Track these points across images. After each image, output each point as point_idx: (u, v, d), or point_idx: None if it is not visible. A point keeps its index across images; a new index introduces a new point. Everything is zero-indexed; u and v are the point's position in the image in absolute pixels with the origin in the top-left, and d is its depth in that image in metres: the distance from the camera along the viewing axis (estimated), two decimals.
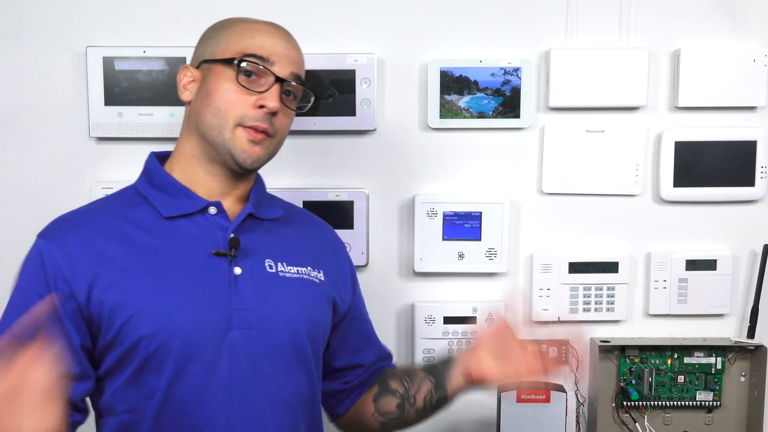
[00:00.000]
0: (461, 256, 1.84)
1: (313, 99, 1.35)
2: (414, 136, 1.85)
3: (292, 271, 1.31)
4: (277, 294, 1.28)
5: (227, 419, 1.22)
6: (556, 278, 1.86)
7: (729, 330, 1.92)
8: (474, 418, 1.89)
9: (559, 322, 1.88)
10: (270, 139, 1.27)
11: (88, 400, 1.27)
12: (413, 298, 1.88)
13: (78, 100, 1.79)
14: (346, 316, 1.43)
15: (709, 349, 1.88)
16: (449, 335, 1.85)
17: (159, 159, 1.34)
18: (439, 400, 1.37)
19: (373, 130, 1.83)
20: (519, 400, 1.69)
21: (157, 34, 1.79)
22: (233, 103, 1.24)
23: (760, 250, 1.88)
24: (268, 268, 1.28)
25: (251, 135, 1.24)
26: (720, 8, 1.84)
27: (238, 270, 1.25)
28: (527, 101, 1.82)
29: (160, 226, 1.25)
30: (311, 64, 1.59)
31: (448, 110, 1.82)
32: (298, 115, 1.36)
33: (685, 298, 1.88)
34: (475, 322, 1.84)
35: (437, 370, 1.38)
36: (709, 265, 1.87)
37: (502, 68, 1.82)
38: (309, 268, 1.33)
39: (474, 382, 1.34)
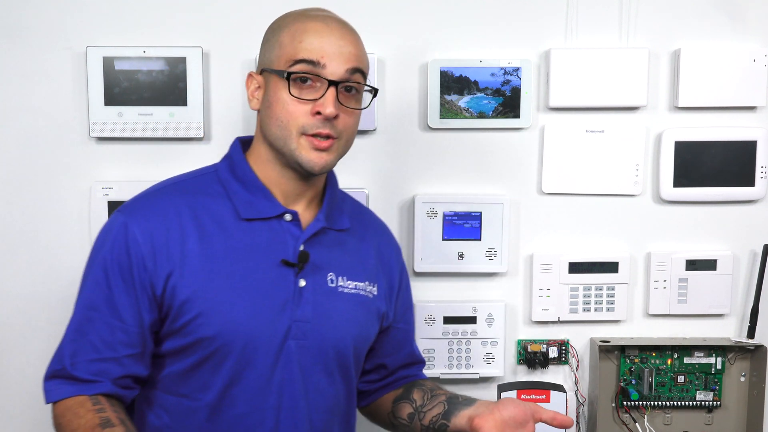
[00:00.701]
0: (461, 256, 1.84)
1: (375, 92, 1.34)
2: (414, 136, 1.85)
3: (350, 286, 1.35)
4: (334, 309, 1.32)
5: (275, 423, 1.27)
6: (556, 278, 1.86)
7: (729, 330, 1.92)
8: None
9: (559, 322, 1.88)
10: (336, 141, 1.27)
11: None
12: (413, 298, 1.86)
13: (78, 100, 1.79)
14: (388, 326, 1.47)
15: (709, 349, 1.88)
16: (449, 335, 1.85)
17: (243, 144, 1.36)
18: (441, 427, 1.39)
19: (373, 130, 1.83)
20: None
21: (157, 34, 1.78)
22: (293, 114, 1.25)
23: (760, 250, 1.88)
24: (329, 282, 1.32)
25: (315, 143, 1.25)
26: (720, 8, 1.84)
27: (302, 282, 1.29)
28: (527, 101, 1.82)
29: (237, 227, 1.28)
30: None
31: (448, 110, 1.82)
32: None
33: (685, 298, 1.88)
34: (475, 322, 1.84)
35: (456, 401, 1.41)
36: (709, 265, 1.87)
37: (502, 68, 1.81)
38: (366, 282, 1.38)
39: (471, 430, 1.35)
